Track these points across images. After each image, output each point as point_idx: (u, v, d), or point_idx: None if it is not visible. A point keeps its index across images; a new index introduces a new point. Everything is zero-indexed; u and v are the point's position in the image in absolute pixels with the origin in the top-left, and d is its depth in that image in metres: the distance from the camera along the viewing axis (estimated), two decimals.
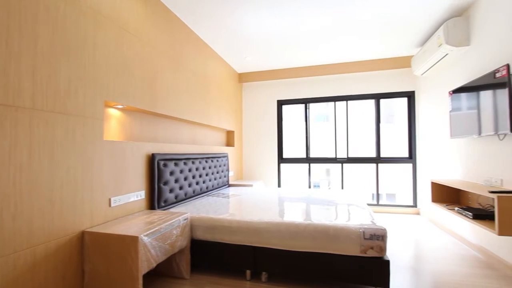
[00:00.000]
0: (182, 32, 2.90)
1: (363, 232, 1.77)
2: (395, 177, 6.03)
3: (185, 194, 2.78)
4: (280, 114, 4.88)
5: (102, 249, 1.61)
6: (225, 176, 3.94)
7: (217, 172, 3.67)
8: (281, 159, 4.84)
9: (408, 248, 2.75)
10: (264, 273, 2.03)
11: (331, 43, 3.58)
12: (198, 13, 2.77)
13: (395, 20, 2.96)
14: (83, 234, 1.65)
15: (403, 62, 4.11)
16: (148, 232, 1.63)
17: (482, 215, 2.15)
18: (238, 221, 2.06)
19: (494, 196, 1.87)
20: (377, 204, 4.44)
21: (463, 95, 2.61)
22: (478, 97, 2.36)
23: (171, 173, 2.53)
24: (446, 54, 2.87)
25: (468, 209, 2.32)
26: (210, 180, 3.42)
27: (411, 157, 4.28)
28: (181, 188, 2.70)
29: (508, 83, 1.95)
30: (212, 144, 3.95)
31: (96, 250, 1.62)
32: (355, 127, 4.76)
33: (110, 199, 1.87)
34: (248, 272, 2.06)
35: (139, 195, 2.18)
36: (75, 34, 1.65)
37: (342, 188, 4.59)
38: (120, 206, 1.98)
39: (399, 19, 2.92)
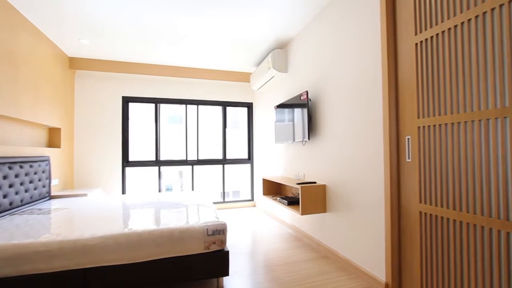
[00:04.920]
0: None
1: (207, 229, 1.90)
2: (239, 175, 6.92)
3: None
4: (126, 112, 4.36)
5: None
6: (44, 186, 3.05)
7: (31, 182, 2.78)
8: (126, 163, 4.34)
9: (245, 236, 3.22)
10: None
11: (185, 46, 3.61)
12: None
13: (241, 41, 3.40)
14: None
15: (246, 77, 4.80)
16: None
17: (293, 201, 2.87)
18: (60, 242, 1.64)
19: (299, 186, 2.54)
20: (223, 202, 4.90)
21: (284, 109, 3.38)
22: (292, 112, 3.13)
23: None
24: (273, 76, 3.62)
25: (285, 198, 3.02)
26: (17, 193, 2.53)
27: (250, 158, 5.06)
28: None
29: (307, 104, 2.73)
30: (23, 144, 2.94)
31: None
32: (205, 131, 5.04)
33: None
34: None
35: None
36: None
37: (193, 189, 4.72)
38: None
39: (244, 41, 3.39)
